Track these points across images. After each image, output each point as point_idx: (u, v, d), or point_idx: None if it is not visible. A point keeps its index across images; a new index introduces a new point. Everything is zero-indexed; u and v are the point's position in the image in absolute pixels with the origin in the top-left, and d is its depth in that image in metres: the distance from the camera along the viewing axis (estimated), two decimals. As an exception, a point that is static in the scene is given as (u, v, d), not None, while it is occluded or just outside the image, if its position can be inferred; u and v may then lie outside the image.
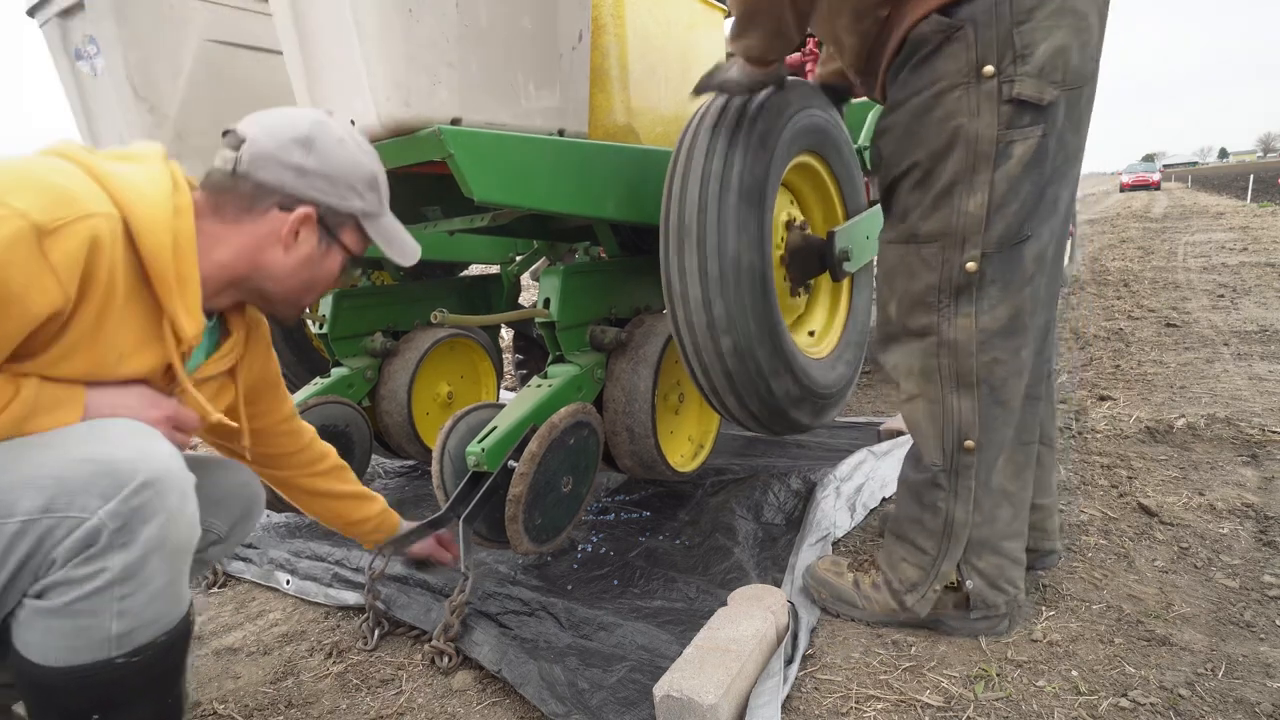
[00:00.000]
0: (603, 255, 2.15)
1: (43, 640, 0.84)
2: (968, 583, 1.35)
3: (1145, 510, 1.85)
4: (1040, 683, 1.24)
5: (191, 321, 0.98)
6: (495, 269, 3.08)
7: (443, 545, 1.73)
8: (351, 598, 1.75)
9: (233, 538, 1.30)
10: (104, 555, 0.83)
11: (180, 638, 0.95)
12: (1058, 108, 1.19)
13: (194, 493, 0.93)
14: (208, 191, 1.04)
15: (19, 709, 1.19)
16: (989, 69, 1.17)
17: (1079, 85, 1.19)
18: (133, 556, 0.84)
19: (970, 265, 1.24)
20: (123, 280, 0.90)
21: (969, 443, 1.30)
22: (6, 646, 0.88)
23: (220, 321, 1.19)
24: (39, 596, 0.84)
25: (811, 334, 2.08)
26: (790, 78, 1.73)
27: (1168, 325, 4.11)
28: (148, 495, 0.85)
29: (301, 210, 1.05)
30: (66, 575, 0.82)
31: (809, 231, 1.98)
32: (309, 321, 2.43)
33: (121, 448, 0.86)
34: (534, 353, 3.43)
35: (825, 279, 2.11)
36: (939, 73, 1.21)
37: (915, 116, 1.26)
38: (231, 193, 1.03)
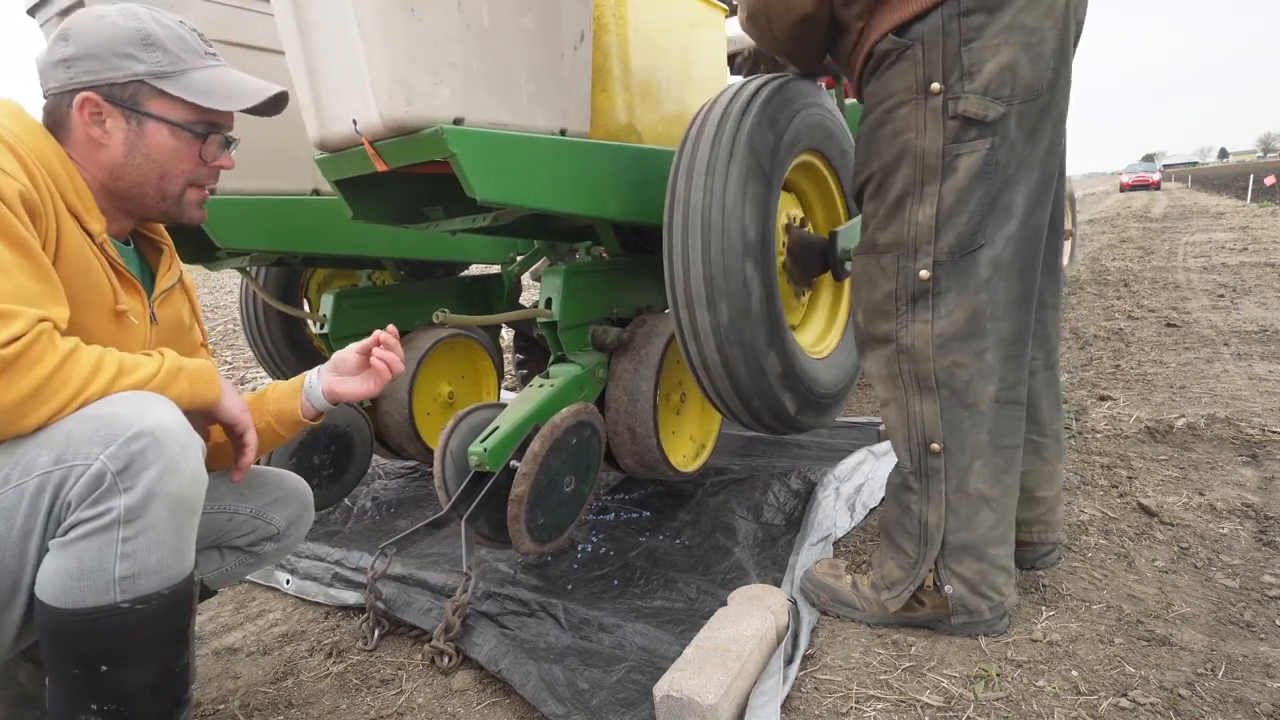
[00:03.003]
0: (604, 255, 2.15)
1: (54, 580, 0.90)
2: (946, 587, 1.36)
3: (1145, 510, 1.85)
4: (1040, 683, 1.24)
5: (93, 219, 1.06)
6: (495, 269, 3.08)
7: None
8: (351, 598, 1.75)
9: (288, 536, 1.36)
10: (109, 496, 0.89)
11: (184, 598, 0.98)
12: (1008, 121, 1.22)
13: (198, 452, 0.98)
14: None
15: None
16: (936, 86, 1.22)
17: (1032, 98, 1.22)
18: (135, 499, 0.90)
19: (923, 274, 1.29)
20: (51, 209, 0.99)
21: (934, 445, 1.33)
22: None
23: (137, 250, 1.25)
24: (57, 539, 0.91)
25: (813, 334, 2.08)
26: (789, 77, 1.73)
27: (1168, 325, 4.11)
28: (145, 443, 0.90)
29: (79, 98, 1.05)
30: (79, 516, 0.89)
31: (811, 231, 1.98)
32: (309, 321, 2.43)
33: (123, 407, 0.93)
34: (535, 353, 3.43)
35: (827, 279, 2.11)
36: (891, 89, 1.27)
37: (872, 130, 1.32)
38: (48, 119, 1.08)
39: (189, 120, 1.13)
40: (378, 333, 1.29)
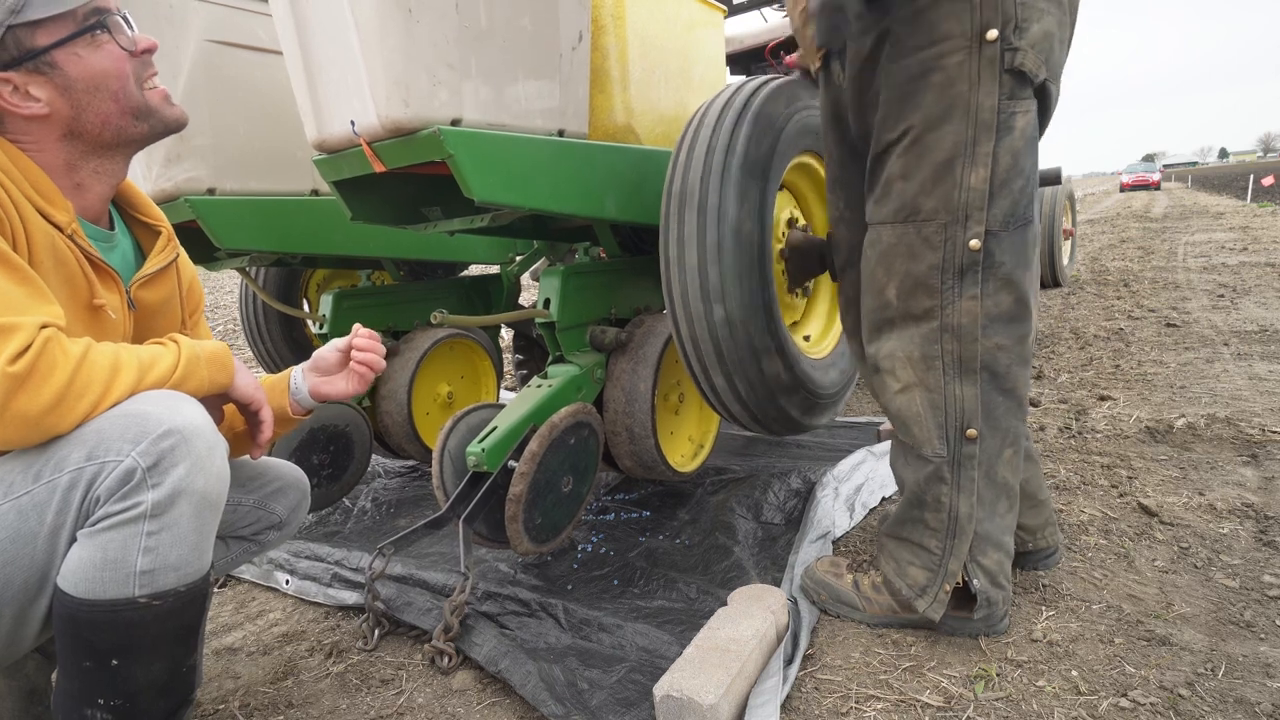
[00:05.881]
0: (603, 255, 2.15)
1: (76, 569, 0.91)
2: (974, 581, 1.31)
3: (1145, 510, 1.85)
4: (1040, 683, 1.24)
5: (58, 209, 1.03)
6: (495, 269, 3.08)
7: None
8: (351, 598, 1.75)
9: (289, 525, 1.38)
10: (139, 491, 0.91)
11: (199, 597, 0.99)
12: (1041, 93, 1.16)
13: (223, 452, 0.99)
14: None
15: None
16: (992, 34, 1.11)
17: (1055, 79, 1.16)
18: (162, 495, 0.91)
19: (974, 243, 1.19)
20: (12, 208, 0.96)
21: (971, 431, 1.26)
22: None
23: (128, 231, 1.23)
24: (85, 529, 0.92)
25: (808, 337, 2.08)
26: (788, 77, 1.73)
27: (1168, 325, 4.11)
28: (174, 440, 0.92)
29: None
30: (108, 510, 0.90)
31: (809, 232, 1.98)
32: (309, 321, 2.43)
33: (154, 405, 0.94)
34: (534, 353, 3.43)
35: (825, 279, 2.11)
36: (941, 33, 1.14)
37: (912, 78, 1.18)
38: None
39: (78, 25, 1.02)
40: (354, 332, 1.28)
